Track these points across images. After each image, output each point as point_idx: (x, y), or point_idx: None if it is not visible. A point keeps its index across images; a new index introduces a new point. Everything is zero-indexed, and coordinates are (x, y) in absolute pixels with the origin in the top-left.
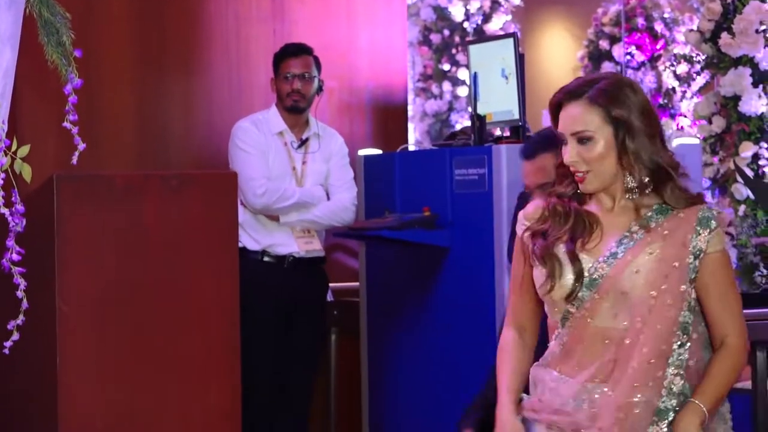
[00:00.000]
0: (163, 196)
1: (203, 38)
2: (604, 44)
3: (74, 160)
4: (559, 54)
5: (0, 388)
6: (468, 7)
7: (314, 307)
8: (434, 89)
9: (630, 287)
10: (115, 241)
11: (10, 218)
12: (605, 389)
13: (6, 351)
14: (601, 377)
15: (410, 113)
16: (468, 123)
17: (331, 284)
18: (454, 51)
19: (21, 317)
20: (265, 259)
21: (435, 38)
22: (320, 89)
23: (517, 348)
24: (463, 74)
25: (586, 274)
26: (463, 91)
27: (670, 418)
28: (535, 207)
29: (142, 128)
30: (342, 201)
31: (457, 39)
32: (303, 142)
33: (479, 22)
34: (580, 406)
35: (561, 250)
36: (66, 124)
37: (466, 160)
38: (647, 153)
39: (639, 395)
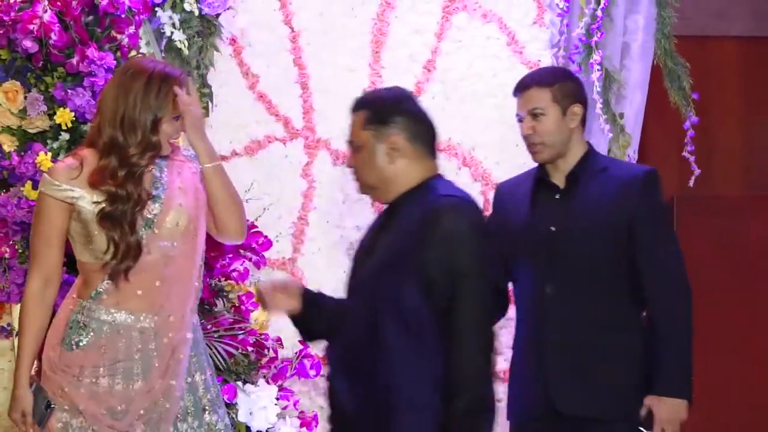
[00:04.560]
0: (764, 213)
1: None
2: None
3: (691, 182)
4: None
5: None
6: None
7: None
8: None
9: None
10: (725, 252)
11: None
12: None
13: None
14: None
15: None
16: None
17: None
18: None
19: None
20: None
21: None
22: None
23: None
24: None
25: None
26: None
27: None
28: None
29: (749, 156)
30: None
31: None
32: None
33: None
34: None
35: None
36: (685, 153)
37: None
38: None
39: None
